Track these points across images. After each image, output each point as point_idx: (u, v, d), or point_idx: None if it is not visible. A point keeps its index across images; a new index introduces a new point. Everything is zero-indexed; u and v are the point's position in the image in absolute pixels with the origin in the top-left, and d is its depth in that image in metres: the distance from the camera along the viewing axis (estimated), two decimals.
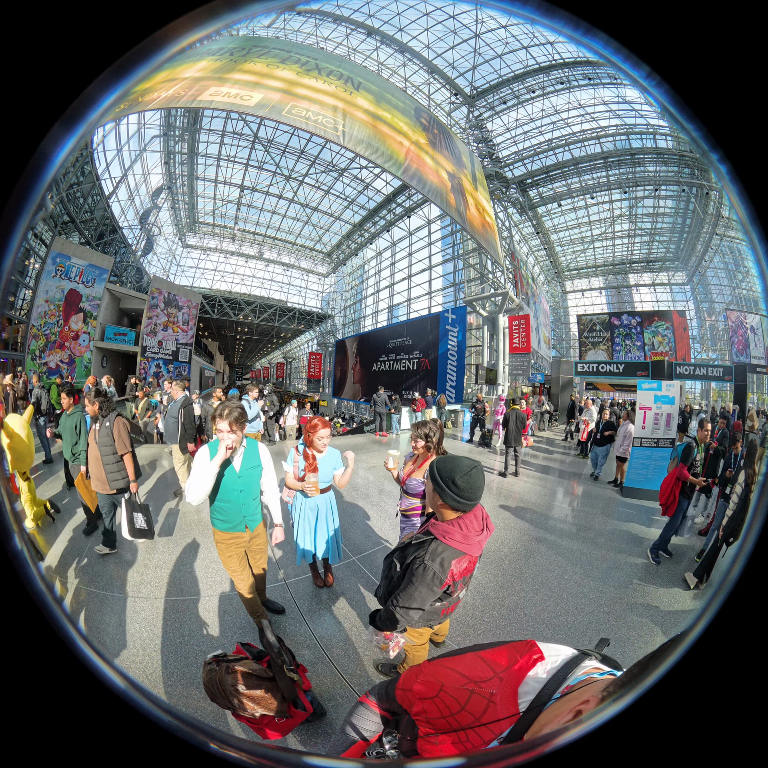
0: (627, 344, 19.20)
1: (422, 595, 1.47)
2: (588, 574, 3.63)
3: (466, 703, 0.70)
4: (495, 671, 0.71)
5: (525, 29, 13.80)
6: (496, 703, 0.67)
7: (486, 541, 1.57)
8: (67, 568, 3.31)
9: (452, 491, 1.46)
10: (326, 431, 2.78)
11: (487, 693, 0.69)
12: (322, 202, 22.23)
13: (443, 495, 1.47)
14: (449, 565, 1.45)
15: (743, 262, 19.60)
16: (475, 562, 1.58)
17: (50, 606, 0.31)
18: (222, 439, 2.17)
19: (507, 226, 18.16)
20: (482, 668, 0.73)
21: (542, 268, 24.75)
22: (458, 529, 1.48)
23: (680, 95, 0.28)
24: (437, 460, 1.56)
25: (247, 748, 0.33)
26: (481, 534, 1.53)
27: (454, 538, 1.47)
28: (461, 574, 1.51)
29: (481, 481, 1.50)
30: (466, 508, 1.49)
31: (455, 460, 1.52)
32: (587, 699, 0.54)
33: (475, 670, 0.73)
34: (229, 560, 2.40)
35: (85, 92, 0.28)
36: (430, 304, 20.09)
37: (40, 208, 0.30)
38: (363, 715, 1.05)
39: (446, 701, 0.72)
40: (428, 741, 0.74)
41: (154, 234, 20.33)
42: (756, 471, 3.61)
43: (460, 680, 0.74)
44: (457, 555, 1.47)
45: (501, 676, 0.69)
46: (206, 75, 9.79)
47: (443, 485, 1.47)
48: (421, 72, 16.11)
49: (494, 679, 0.70)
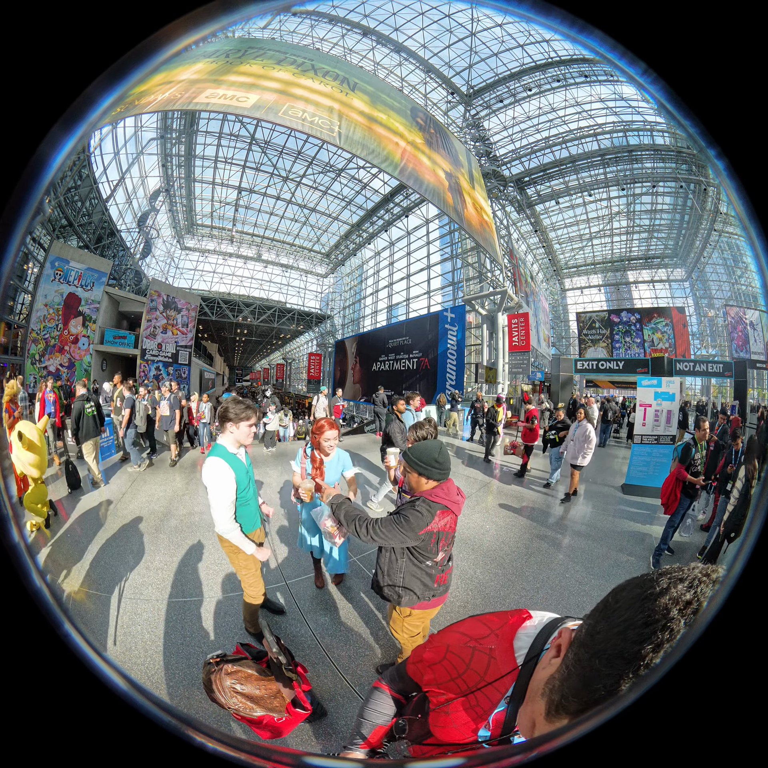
0: (626, 341, 19.17)
1: (404, 527, 1.70)
2: (590, 572, 3.63)
3: (470, 661, 0.77)
4: (491, 628, 0.79)
5: (521, 27, 13.79)
6: (496, 659, 0.73)
7: (462, 505, 1.89)
8: (67, 568, 3.31)
9: (436, 468, 1.78)
10: (333, 433, 2.66)
11: (487, 649, 0.76)
12: (319, 202, 22.21)
13: (430, 474, 1.78)
14: (435, 511, 1.73)
15: (742, 257, 19.60)
16: (455, 521, 1.85)
17: (49, 604, 0.31)
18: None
19: (505, 225, 18.15)
20: (479, 627, 0.81)
21: (541, 266, 24.74)
22: (440, 489, 1.81)
23: (677, 92, 0.28)
24: (411, 452, 1.82)
25: (247, 748, 0.33)
26: (457, 497, 1.85)
27: (439, 495, 1.78)
28: (443, 527, 1.78)
29: (448, 453, 1.87)
30: (446, 476, 1.84)
31: (426, 444, 1.83)
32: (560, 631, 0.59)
33: (474, 629, 0.82)
34: (253, 563, 2.35)
35: (84, 94, 0.28)
36: (429, 304, 20.09)
37: (38, 212, 0.30)
38: (379, 700, 1.09)
39: (453, 661, 0.79)
40: (440, 712, 0.79)
41: (152, 237, 20.32)
42: (756, 466, 3.61)
43: (462, 639, 0.81)
44: (441, 507, 1.75)
45: (497, 632, 0.77)
46: (202, 77, 9.78)
47: (428, 467, 1.78)
48: (417, 71, 16.10)
49: (491, 635, 0.77)
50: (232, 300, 24.23)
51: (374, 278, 25.43)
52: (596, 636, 0.47)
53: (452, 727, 0.76)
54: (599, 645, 0.46)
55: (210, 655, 1.75)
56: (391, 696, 1.07)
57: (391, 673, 1.11)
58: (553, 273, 25.91)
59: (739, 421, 10.65)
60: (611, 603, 0.48)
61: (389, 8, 14.15)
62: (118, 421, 7.12)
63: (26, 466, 3.85)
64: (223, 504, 2.09)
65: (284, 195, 21.63)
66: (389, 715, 1.06)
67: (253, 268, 27.11)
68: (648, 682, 0.29)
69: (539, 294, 21.70)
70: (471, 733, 0.73)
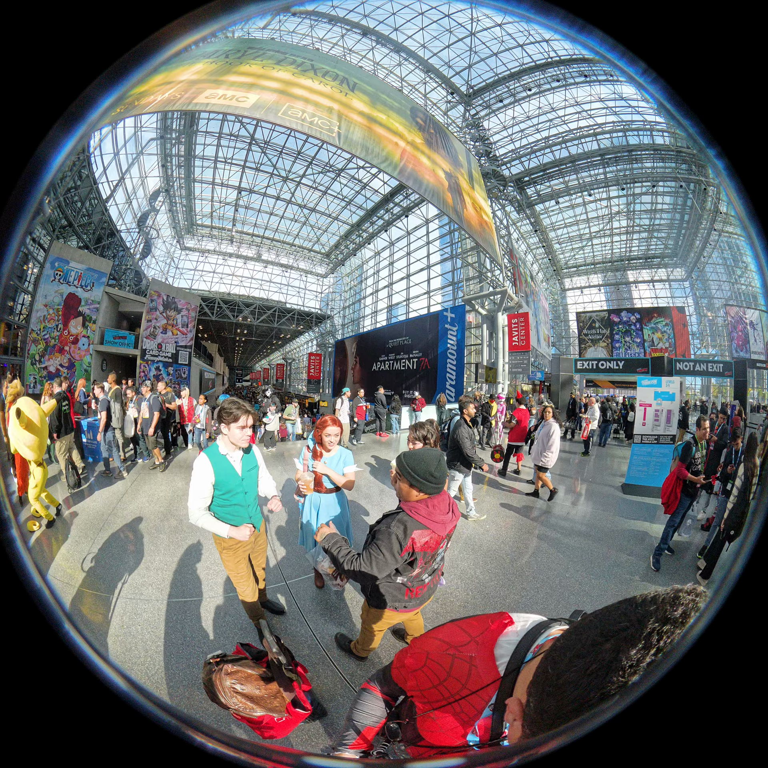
0: (626, 341, 19.16)
1: (383, 557, 1.61)
2: (590, 572, 3.63)
3: (450, 669, 0.74)
4: (471, 635, 0.76)
5: (520, 27, 13.78)
6: (477, 667, 0.71)
7: (452, 524, 1.74)
8: (67, 568, 3.31)
9: (431, 482, 1.64)
10: (335, 429, 2.77)
11: (467, 657, 0.73)
12: (319, 202, 22.21)
13: (423, 487, 1.65)
14: (410, 533, 1.62)
15: (741, 257, 19.59)
16: (438, 541, 1.71)
17: (49, 604, 0.31)
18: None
19: (505, 224, 18.15)
20: (459, 634, 0.79)
21: (541, 265, 24.74)
22: (424, 506, 1.67)
23: (677, 91, 0.28)
24: (405, 460, 1.68)
25: (247, 748, 0.33)
26: (446, 515, 1.71)
27: (419, 512, 1.65)
28: (423, 547, 1.66)
29: (445, 467, 1.72)
30: (439, 490, 1.70)
31: (424, 454, 1.68)
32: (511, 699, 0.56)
33: (454, 637, 0.79)
34: (239, 566, 2.37)
35: (84, 94, 0.28)
36: (429, 303, 20.08)
37: (38, 212, 0.30)
38: (367, 701, 1.08)
39: (433, 668, 0.77)
40: (427, 717, 0.78)
41: (152, 237, 20.31)
42: (756, 464, 3.61)
43: (441, 646, 0.79)
44: (419, 527, 1.63)
45: (477, 640, 0.74)
46: (202, 78, 9.78)
47: (423, 480, 1.64)
48: (416, 71, 16.10)
49: (471, 643, 0.75)
50: (232, 300, 24.22)
51: (374, 278, 25.43)
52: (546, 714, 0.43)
53: (440, 731, 0.75)
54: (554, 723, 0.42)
55: (210, 655, 1.75)
56: (379, 697, 1.07)
57: (378, 675, 1.11)
58: (553, 273, 25.89)
59: (739, 420, 10.64)
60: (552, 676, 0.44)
61: (389, 8, 14.15)
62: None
63: (20, 444, 3.71)
64: (192, 497, 2.16)
65: (284, 195, 21.62)
66: (378, 716, 1.05)
67: (253, 268, 27.11)
68: (646, 684, 0.29)
69: (539, 294, 21.70)
70: (460, 737, 0.73)
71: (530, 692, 0.48)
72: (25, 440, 3.70)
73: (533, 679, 0.48)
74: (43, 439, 3.94)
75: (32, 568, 0.31)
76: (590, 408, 9.49)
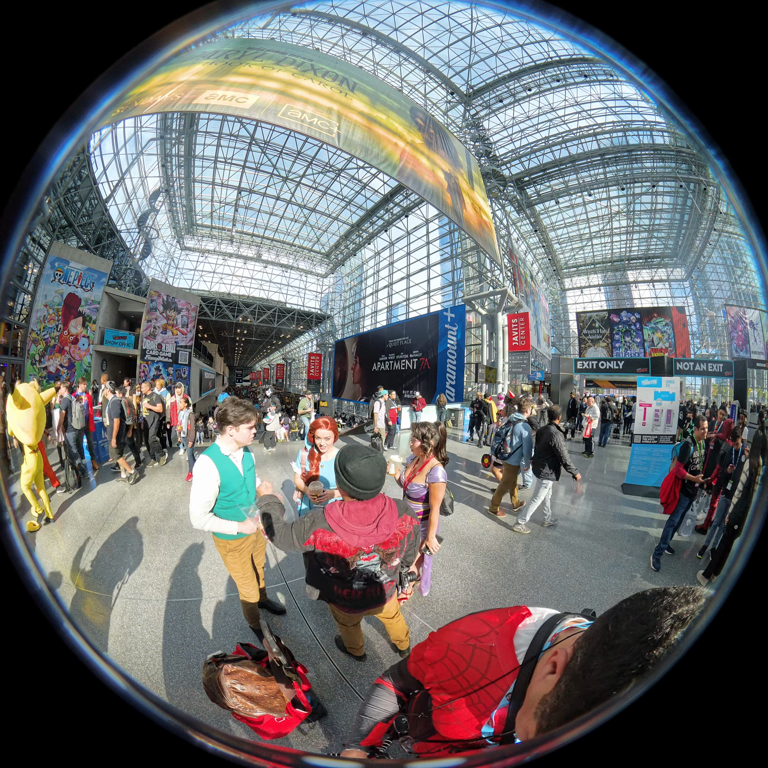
0: (626, 341, 19.18)
1: (290, 535, 1.61)
2: (590, 572, 3.63)
3: (471, 659, 0.76)
4: (491, 626, 0.78)
5: (520, 27, 13.80)
6: (497, 656, 0.73)
7: (371, 540, 1.58)
8: (67, 568, 3.31)
9: (344, 477, 1.57)
10: (326, 432, 2.66)
11: (488, 647, 0.75)
12: (319, 202, 22.22)
13: (338, 479, 1.60)
14: (315, 528, 1.58)
15: (741, 257, 19.61)
16: (346, 549, 1.58)
17: (49, 604, 0.31)
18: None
19: (505, 224, 18.15)
20: (479, 625, 0.80)
21: (541, 265, 24.75)
22: (339, 511, 1.59)
23: (676, 91, 0.28)
24: (345, 446, 1.67)
25: (247, 748, 0.33)
26: (365, 528, 1.57)
27: (331, 514, 1.59)
28: (325, 548, 1.59)
29: (374, 472, 1.57)
30: (358, 496, 1.58)
31: (355, 448, 1.62)
32: (555, 651, 0.59)
33: (474, 628, 0.81)
34: (245, 567, 2.37)
35: (84, 94, 0.28)
36: (429, 304, 20.08)
37: (38, 212, 0.30)
38: (380, 696, 1.08)
39: (454, 660, 0.79)
40: (443, 710, 0.79)
41: (152, 237, 20.32)
42: (759, 462, 3.64)
43: (462, 637, 0.81)
44: (324, 527, 1.58)
45: (496, 630, 0.76)
46: (202, 78, 9.78)
47: (338, 470, 1.59)
48: (416, 71, 16.10)
49: (491, 633, 0.77)
50: (232, 300, 24.24)
51: (374, 278, 25.43)
52: (589, 674, 0.44)
53: (455, 723, 0.76)
54: (590, 685, 0.43)
55: (210, 655, 1.75)
56: (393, 693, 1.07)
57: (393, 670, 1.12)
58: (553, 273, 25.91)
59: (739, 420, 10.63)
60: (610, 635, 0.45)
61: (389, 8, 14.15)
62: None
63: (16, 427, 3.70)
64: (197, 501, 2.09)
65: (284, 195, 21.64)
66: (390, 712, 1.05)
67: (253, 268, 27.13)
68: (647, 684, 0.29)
69: (539, 294, 21.70)
70: (474, 729, 0.74)
71: (580, 646, 0.49)
72: (20, 421, 3.67)
73: (587, 634, 0.49)
74: (40, 424, 3.90)
75: (32, 568, 0.31)
76: (590, 407, 9.51)
